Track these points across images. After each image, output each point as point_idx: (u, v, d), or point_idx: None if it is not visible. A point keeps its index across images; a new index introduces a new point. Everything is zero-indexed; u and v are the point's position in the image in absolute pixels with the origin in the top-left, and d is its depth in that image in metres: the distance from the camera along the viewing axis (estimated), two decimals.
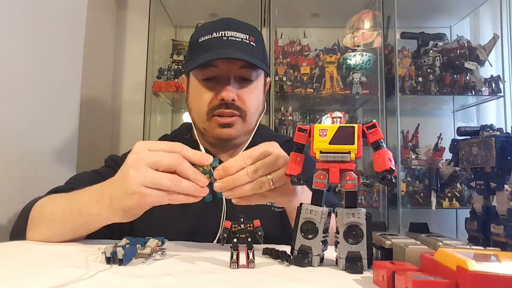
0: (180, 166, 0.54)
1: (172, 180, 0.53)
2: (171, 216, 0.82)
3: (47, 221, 0.65)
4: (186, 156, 0.56)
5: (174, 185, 0.53)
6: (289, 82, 2.02)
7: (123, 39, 2.25)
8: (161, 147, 0.56)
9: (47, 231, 0.65)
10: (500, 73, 1.94)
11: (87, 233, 0.66)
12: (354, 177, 0.50)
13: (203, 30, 0.84)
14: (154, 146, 0.56)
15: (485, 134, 0.55)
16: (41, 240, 0.65)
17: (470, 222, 0.57)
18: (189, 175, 0.55)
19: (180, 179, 0.54)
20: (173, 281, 0.43)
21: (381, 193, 1.98)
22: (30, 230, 0.67)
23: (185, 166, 0.55)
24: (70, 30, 1.25)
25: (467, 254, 0.35)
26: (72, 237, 0.65)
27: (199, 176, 0.55)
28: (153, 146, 0.56)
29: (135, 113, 2.12)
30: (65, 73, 1.21)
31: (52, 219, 0.65)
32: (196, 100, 0.84)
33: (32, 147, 1.04)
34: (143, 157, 0.54)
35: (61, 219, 0.63)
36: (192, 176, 0.55)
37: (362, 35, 2.07)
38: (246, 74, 0.82)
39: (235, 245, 0.49)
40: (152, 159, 0.54)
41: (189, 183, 0.54)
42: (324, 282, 0.43)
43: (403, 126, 2.08)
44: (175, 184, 0.53)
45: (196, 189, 0.55)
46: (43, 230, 0.65)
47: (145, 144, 0.56)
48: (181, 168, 0.54)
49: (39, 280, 0.41)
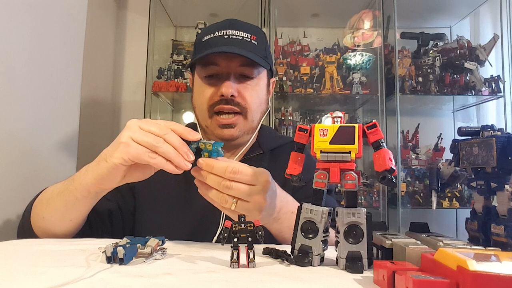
0: (167, 135, 0.56)
1: (156, 139, 0.56)
2: (172, 215, 0.83)
3: (46, 200, 0.69)
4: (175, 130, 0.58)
5: (156, 143, 0.56)
6: (289, 82, 2.02)
7: (123, 39, 2.25)
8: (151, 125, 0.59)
9: (46, 209, 0.68)
10: (500, 73, 1.95)
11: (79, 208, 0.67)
12: (355, 176, 0.50)
13: (207, 30, 0.86)
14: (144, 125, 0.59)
15: (486, 134, 0.55)
16: (43, 224, 0.68)
17: (470, 222, 0.57)
18: (175, 144, 0.56)
19: (164, 142, 0.56)
20: (174, 280, 0.43)
21: (381, 193, 1.98)
22: (33, 215, 0.70)
23: (172, 135, 0.57)
24: (70, 30, 1.25)
25: (467, 254, 0.35)
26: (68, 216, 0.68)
27: (185, 149, 0.57)
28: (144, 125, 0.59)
29: (135, 113, 2.12)
30: (65, 73, 1.21)
31: (51, 197, 0.68)
32: (199, 97, 0.85)
33: (32, 147, 1.04)
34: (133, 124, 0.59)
35: (58, 193, 0.67)
36: (178, 146, 0.57)
37: (362, 35, 2.07)
38: (246, 71, 0.82)
39: (235, 244, 0.49)
40: (143, 125, 0.58)
41: (171, 149, 0.56)
42: (325, 281, 0.43)
43: (403, 126, 2.08)
44: (157, 143, 0.56)
45: (177, 156, 0.56)
46: (43, 209, 0.69)
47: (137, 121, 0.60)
48: (167, 137, 0.57)
49: (40, 280, 0.41)
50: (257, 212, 0.60)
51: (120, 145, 0.57)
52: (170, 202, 0.84)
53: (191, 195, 0.83)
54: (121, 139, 0.58)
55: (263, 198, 0.59)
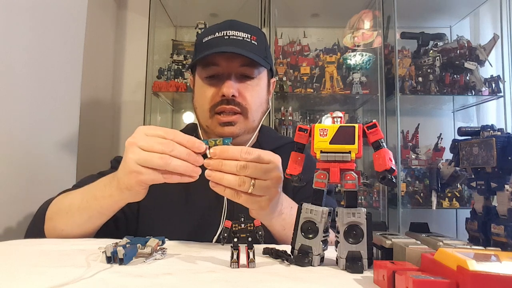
0: (172, 152, 0.57)
1: (163, 159, 0.56)
2: (173, 216, 0.83)
3: (65, 213, 0.70)
4: (179, 141, 0.58)
5: (165, 163, 0.56)
6: (289, 82, 2.02)
7: (123, 39, 2.25)
8: (156, 133, 0.59)
9: (66, 223, 0.69)
10: (500, 73, 1.94)
11: (102, 220, 0.70)
12: (355, 176, 0.50)
13: (207, 31, 0.86)
14: (150, 132, 0.59)
15: (486, 134, 0.55)
16: (60, 234, 0.69)
17: (470, 222, 0.57)
18: (182, 156, 0.57)
19: (171, 159, 0.56)
20: (174, 280, 0.43)
21: (381, 193, 1.98)
22: (49, 226, 0.71)
23: (178, 151, 0.57)
24: (70, 30, 1.25)
25: (467, 254, 0.35)
26: (88, 227, 0.70)
27: (193, 157, 0.57)
28: (150, 132, 0.59)
29: (135, 113, 2.12)
30: (65, 73, 1.21)
31: (70, 210, 0.69)
32: (200, 97, 0.85)
33: (32, 147, 1.04)
34: (137, 140, 0.58)
35: (79, 208, 0.68)
36: (186, 158, 0.57)
37: (362, 35, 2.07)
38: (247, 71, 0.83)
39: (235, 244, 0.49)
40: (144, 143, 0.57)
41: (181, 162, 0.56)
42: (325, 281, 0.43)
43: (403, 126, 2.08)
44: (166, 163, 0.56)
45: (188, 168, 0.57)
46: (62, 222, 0.70)
47: (144, 128, 0.60)
48: (174, 154, 0.57)
49: (40, 279, 0.41)
50: (275, 189, 0.60)
51: (132, 175, 0.58)
52: (170, 202, 0.84)
53: (192, 196, 0.83)
54: (130, 167, 0.58)
55: (279, 174, 0.60)
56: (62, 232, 0.70)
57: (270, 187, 0.59)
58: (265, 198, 0.60)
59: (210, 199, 0.79)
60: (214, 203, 0.80)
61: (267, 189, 0.59)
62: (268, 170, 0.59)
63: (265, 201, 0.60)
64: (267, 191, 0.59)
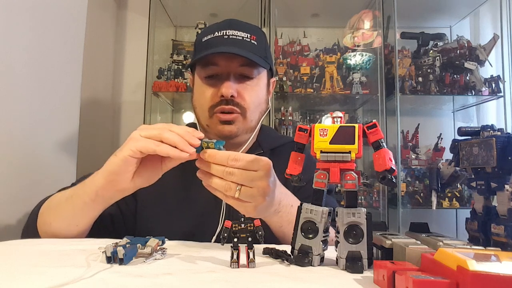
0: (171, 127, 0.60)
1: (160, 129, 0.60)
2: (172, 215, 0.83)
3: (54, 206, 0.70)
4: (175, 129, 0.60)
5: (161, 131, 0.59)
6: (289, 82, 2.02)
7: (123, 39, 2.25)
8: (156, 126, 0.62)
9: (54, 215, 0.69)
10: (500, 73, 1.94)
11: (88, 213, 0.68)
12: (355, 176, 0.50)
13: (207, 31, 0.86)
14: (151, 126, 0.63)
15: (486, 134, 0.55)
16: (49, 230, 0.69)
17: (470, 222, 0.57)
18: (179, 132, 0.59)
19: (168, 130, 0.60)
20: (174, 280, 0.43)
21: (381, 193, 1.98)
22: (40, 221, 0.71)
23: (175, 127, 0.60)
24: (70, 30, 1.25)
25: (467, 254, 0.35)
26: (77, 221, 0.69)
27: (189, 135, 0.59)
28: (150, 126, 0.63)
29: (135, 113, 2.12)
30: (65, 73, 1.21)
31: (59, 203, 0.70)
32: (199, 97, 0.85)
33: (32, 147, 1.04)
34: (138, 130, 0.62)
35: (66, 198, 0.68)
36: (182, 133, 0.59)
37: (362, 35, 2.07)
38: (246, 71, 0.83)
39: (235, 244, 0.49)
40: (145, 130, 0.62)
41: (175, 135, 0.59)
42: (325, 281, 0.43)
43: (403, 126, 2.08)
44: (163, 130, 0.59)
45: (181, 141, 0.58)
46: (51, 216, 0.70)
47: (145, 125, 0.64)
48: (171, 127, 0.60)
49: (40, 279, 0.41)
50: (261, 198, 0.60)
51: (130, 141, 0.61)
52: (169, 202, 0.84)
53: (191, 195, 0.83)
54: (130, 137, 0.61)
55: (266, 183, 0.59)
56: (51, 227, 0.69)
57: (255, 195, 0.59)
58: (251, 205, 0.60)
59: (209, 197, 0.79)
60: (212, 202, 0.80)
61: (253, 197, 0.59)
62: (254, 178, 0.58)
63: (251, 207, 0.60)
64: (253, 199, 0.59)
